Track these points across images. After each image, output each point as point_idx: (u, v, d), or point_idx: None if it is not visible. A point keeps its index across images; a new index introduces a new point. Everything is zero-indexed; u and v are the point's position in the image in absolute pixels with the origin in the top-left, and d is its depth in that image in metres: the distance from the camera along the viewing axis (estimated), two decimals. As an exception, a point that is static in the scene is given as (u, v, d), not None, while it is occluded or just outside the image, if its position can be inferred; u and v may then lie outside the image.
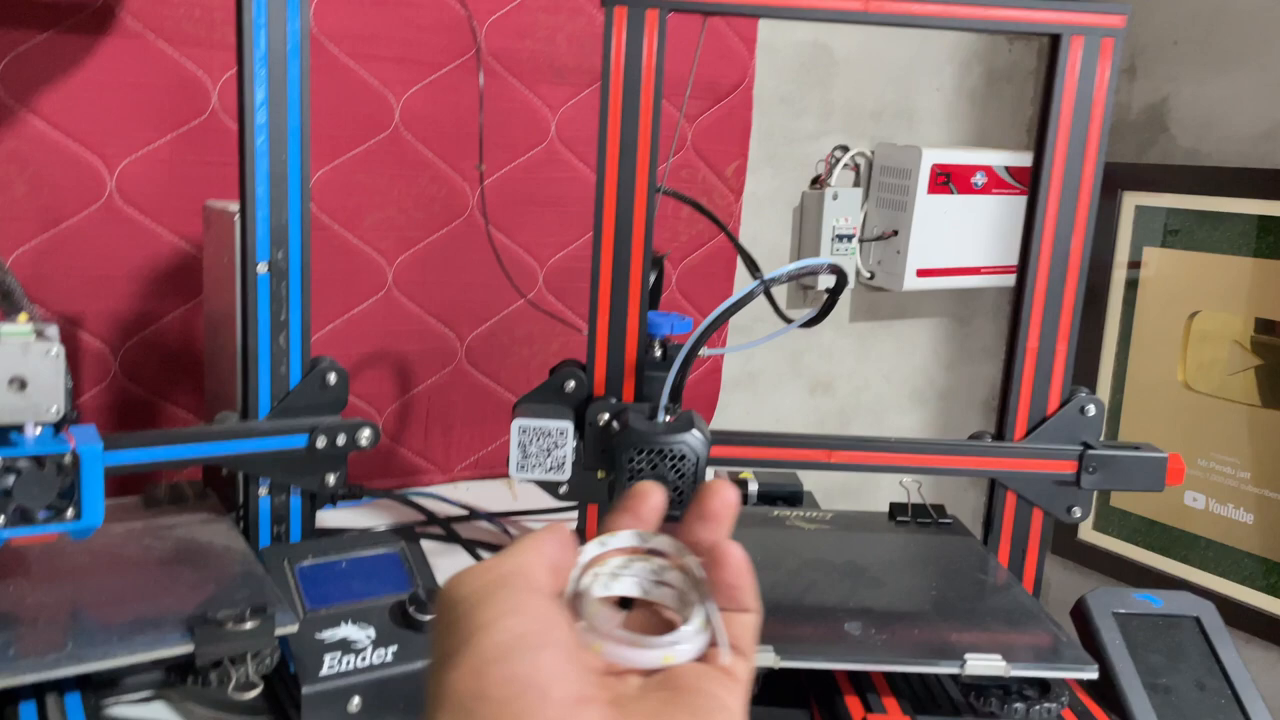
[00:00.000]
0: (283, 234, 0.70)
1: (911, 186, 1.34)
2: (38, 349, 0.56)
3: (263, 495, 0.72)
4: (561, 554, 0.35)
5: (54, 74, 0.83)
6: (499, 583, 0.33)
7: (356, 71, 0.95)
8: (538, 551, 0.35)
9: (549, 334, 1.11)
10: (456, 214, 1.03)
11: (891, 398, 1.52)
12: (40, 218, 0.85)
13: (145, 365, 0.91)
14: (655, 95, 0.70)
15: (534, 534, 0.36)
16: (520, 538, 0.36)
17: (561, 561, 0.35)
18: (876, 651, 0.58)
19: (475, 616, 0.31)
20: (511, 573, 0.33)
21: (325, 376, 0.72)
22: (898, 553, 0.74)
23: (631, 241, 0.72)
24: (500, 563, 0.34)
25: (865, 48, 1.35)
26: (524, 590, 0.33)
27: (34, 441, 0.57)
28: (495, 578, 0.33)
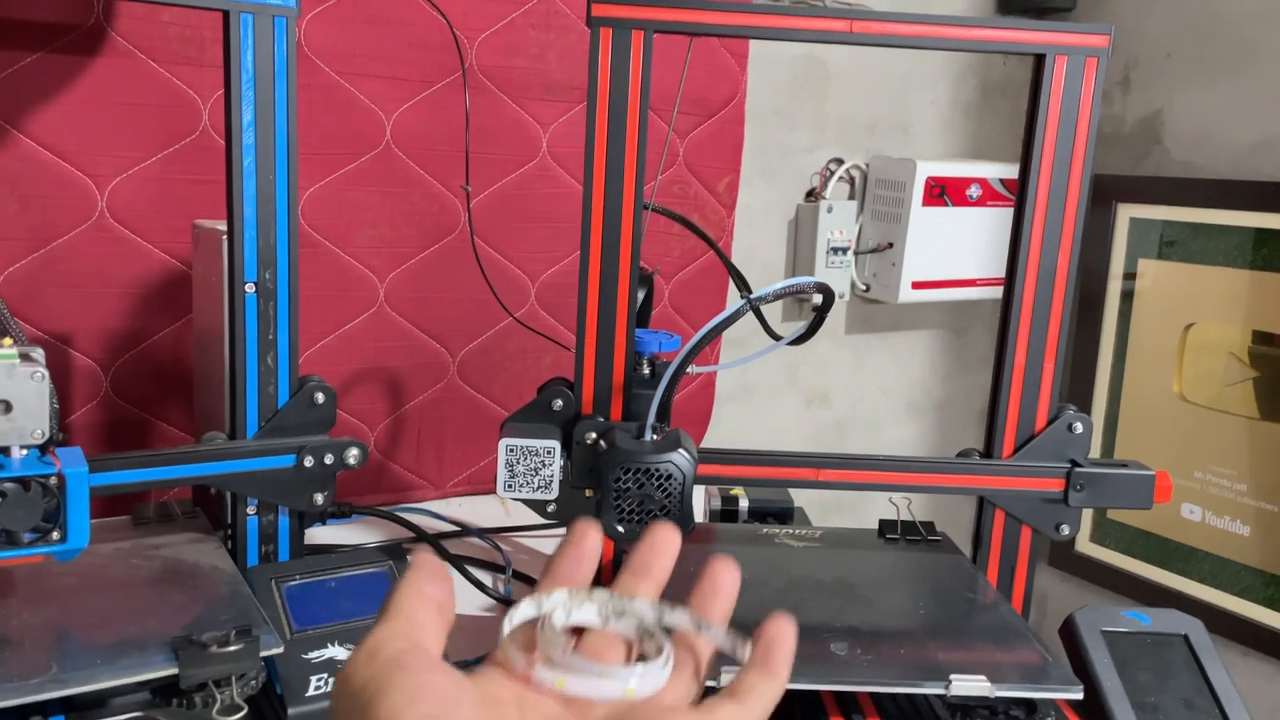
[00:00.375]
0: (270, 254, 0.70)
1: (906, 199, 1.34)
2: (22, 372, 0.56)
3: (250, 515, 0.72)
4: (442, 596, 0.34)
5: (45, 94, 0.84)
6: (393, 666, 0.30)
7: (348, 89, 0.95)
8: (421, 612, 0.33)
9: (541, 349, 1.11)
10: (448, 230, 1.03)
11: (888, 410, 1.52)
12: (31, 236, 0.85)
13: (136, 383, 0.91)
14: (641, 114, 0.70)
15: (407, 589, 0.33)
16: (395, 597, 0.33)
17: (444, 601, 0.34)
18: (862, 672, 0.58)
19: (374, 712, 0.29)
20: (402, 652, 0.31)
21: (313, 396, 0.73)
22: (886, 571, 0.74)
23: (619, 259, 0.72)
24: (386, 641, 0.31)
25: (859, 61, 1.35)
26: (419, 670, 0.30)
27: (19, 464, 0.57)
28: (386, 661, 0.31)
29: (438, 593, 0.34)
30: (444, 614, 0.33)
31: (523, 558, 0.96)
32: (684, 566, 0.41)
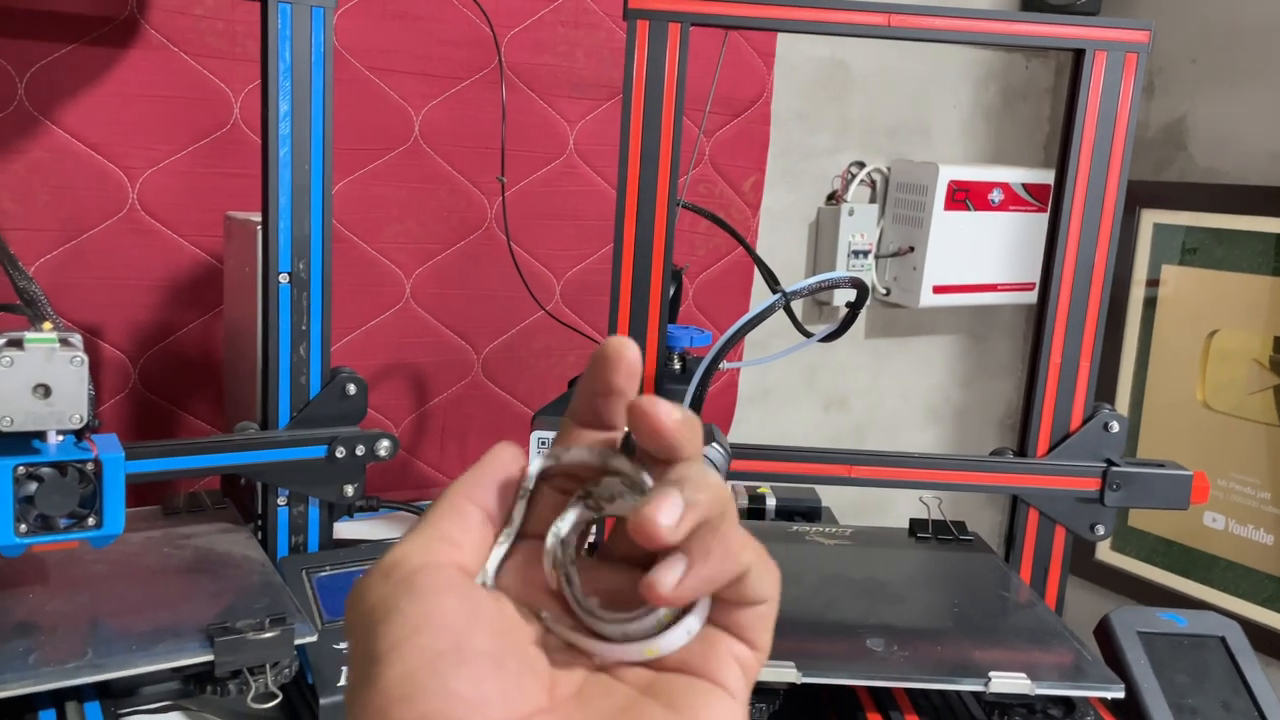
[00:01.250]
0: (304, 245, 0.70)
1: (928, 203, 1.34)
2: (62, 357, 0.56)
3: (281, 505, 0.72)
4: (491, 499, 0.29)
5: (78, 86, 0.84)
6: (403, 587, 0.27)
7: (377, 85, 0.95)
8: (451, 524, 0.28)
9: (565, 347, 1.11)
10: (474, 227, 1.03)
11: (907, 415, 1.52)
12: (62, 228, 0.85)
13: (164, 375, 0.91)
14: (677, 108, 0.70)
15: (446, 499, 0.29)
16: (431, 508, 0.29)
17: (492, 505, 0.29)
18: (899, 668, 0.58)
19: (377, 640, 0.26)
20: (416, 570, 0.27)
21: (345, 387, 0.73)
22: (919, 569, 0.73)
23: (652, 254, 0.72)
24: (406, 555, 0.28)
25: (882, 64, 1.35)
26: (429, 592, 0.26)
27: (56, 449, 0.57)
28: (399, 581, 0.27)
29: (486, 496, 0.29)
30: (488, 522, 0.29)
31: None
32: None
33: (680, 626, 0.28)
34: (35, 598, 0.60)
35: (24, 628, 0.57)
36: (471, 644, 0.26)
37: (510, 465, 0.30)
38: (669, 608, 0.28)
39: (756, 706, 0.60)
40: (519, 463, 0.30)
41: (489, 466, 0.30)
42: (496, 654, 0.26)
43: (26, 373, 0.55)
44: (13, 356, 0.55)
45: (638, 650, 0.28)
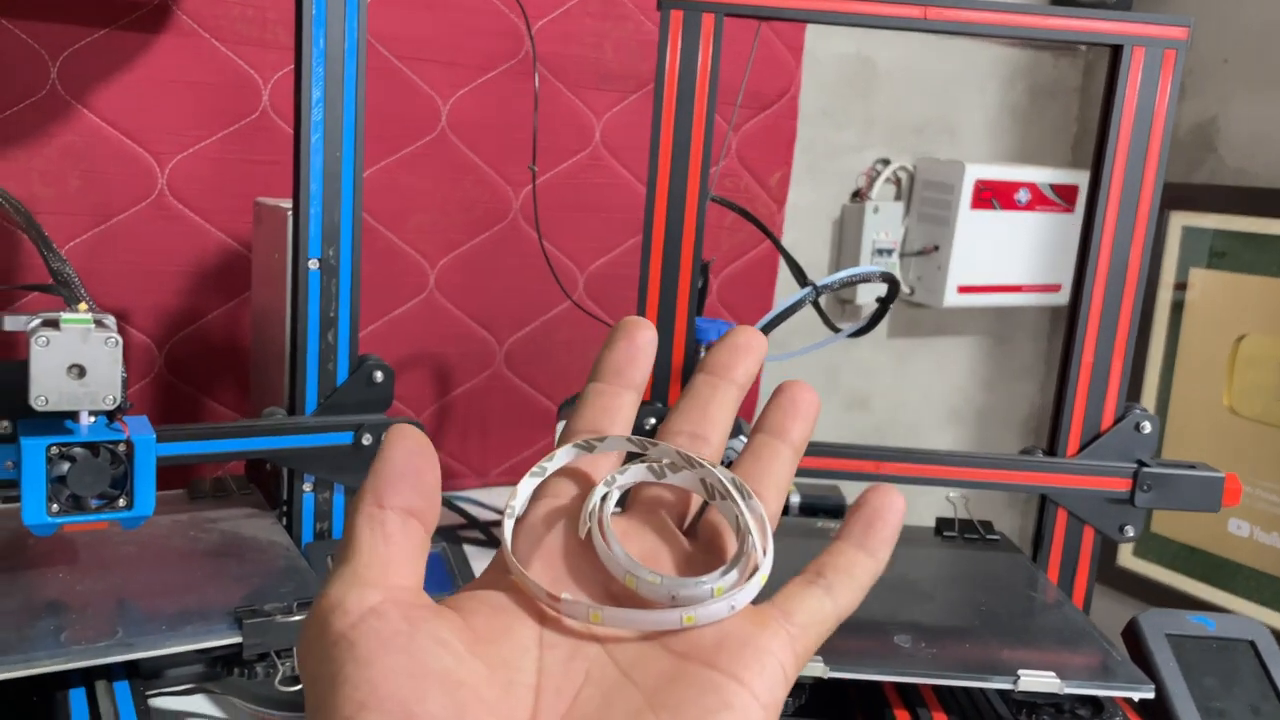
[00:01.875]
0: (334, 231, 0.70)
1: (954, 201, 1.33)
2: (97, 337, 0.56)
3: (307, 492, 0.72)
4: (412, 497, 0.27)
5: (109, 70, 0.84)
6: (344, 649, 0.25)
7: (406, 73, 0.95)
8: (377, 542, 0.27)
9: (587, 339, 1.11)
10: (499, 218, 1.03)
11: (929, 416, 1.51)
12: (92, 212, 0.85)
13: (189, 361, 0.91)
14: (709, 100, 0.69)
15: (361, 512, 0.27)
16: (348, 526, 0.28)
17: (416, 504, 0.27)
18: (927, 664, 0.57)
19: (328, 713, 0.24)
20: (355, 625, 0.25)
21: (372, 374, 0.73)
22: (945, 568, 0.73)
23: (681, 246, 0.71)
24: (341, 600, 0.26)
25: (909, 61, 1.34)
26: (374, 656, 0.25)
27: (89, 430, 0.58)
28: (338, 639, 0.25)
29: (398, 495, 0.27)
30: (417, 523, 0.27)
31: (567, 548, 0.96)
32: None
33: (724, 600, 0.27)
34: (65, 578, 0.61)
35: (54, 607, 0.57)
36: (423, 709, 0.24)
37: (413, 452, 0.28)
38: (719, 580, 0.27)
39: (786, 700, 0.60)
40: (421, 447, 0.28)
41: (390, 461, 0.28)
42: (453, 707, 0.24)
43: (62, 353, 0.55)
44: (49, 336, 0.55)
45: (676, 617, 0.26)
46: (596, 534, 0.28)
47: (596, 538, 0.28)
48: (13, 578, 0.60)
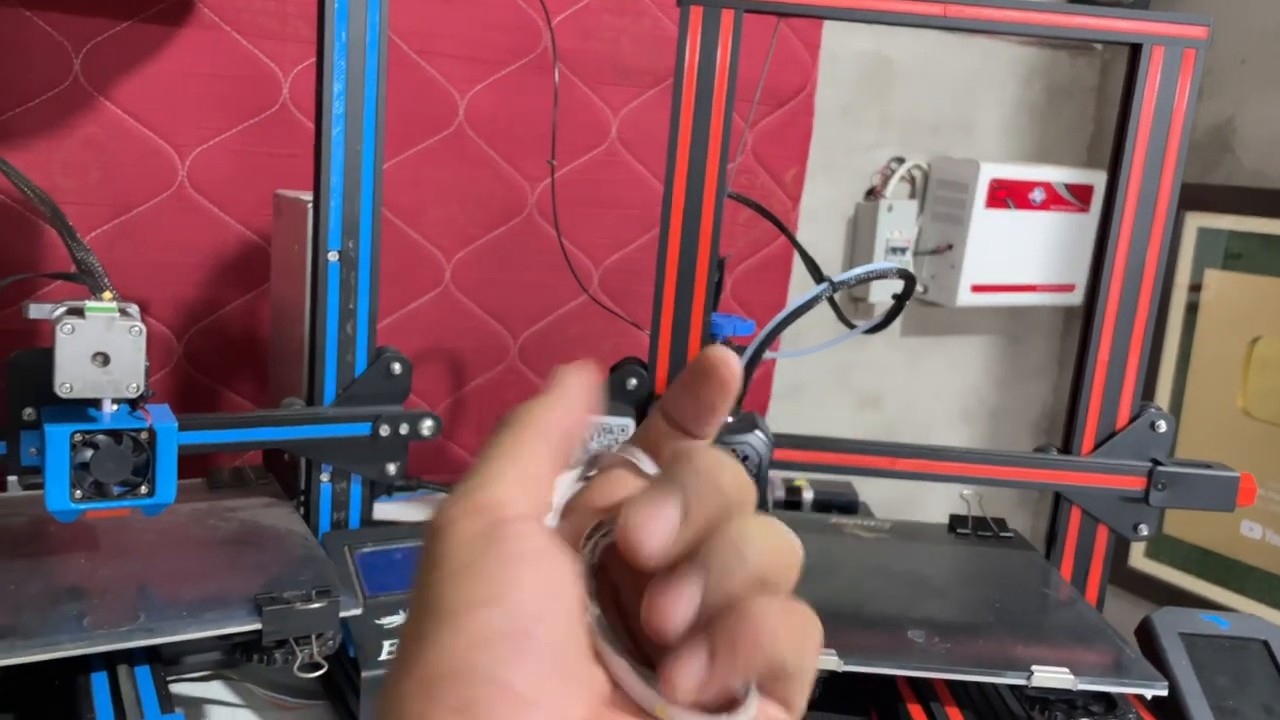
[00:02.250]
0: (354, 223, 0.71)
1: (969, 201, 1.33)
2: (121, 326, 0.57)
3: (324, 482, 0.72)
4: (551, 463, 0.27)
5: (131, 63, 0.85)
6: (489, 541, 0.24)
7: (424, 68, 0.96)
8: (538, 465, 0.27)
9: (602, 335, 1.11)
10: (515, 213, 1.03)
11: (941, 415, 1.51)
12: (113, 203, 0.86)
13: (208, 352, 0.92)
14: (728, 96, 0.70)
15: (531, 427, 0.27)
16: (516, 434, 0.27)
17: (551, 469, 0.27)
18: (941, 659, 0.57)
19: (447, 593, 0.24)
20: (508, 522, 0.25)
21: (390, 366, 0.73)
22: (959, 564, 0.73)
23: (698, 241, 0.72)
24: (498, 498, 0.25)
25: (925, 60, 1.34)
26: (518, 558, 0.24)
27: (111, 417, 0.58)
28: (487, 529, 0.25)
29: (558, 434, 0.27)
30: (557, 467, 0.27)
31: (580, 542, 0.96)
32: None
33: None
34: (86, 564, 0.61)
35: (76, 592, 0.58)
36: (541, 633, 0.23)
37: (578, 403, 0.28)
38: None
39: (796, 694, 0.60)
40: (586, 399, 0.28)
41: (561, 401, 0.28)
42: (563, 649, 0.24)
43: (87, 341, 0.56)
44: (74, 324, 0.56)
45: (651, 702, 0.24)
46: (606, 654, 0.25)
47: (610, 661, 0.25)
48: (35, 563, 0.61)
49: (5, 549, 0.62)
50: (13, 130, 0.81)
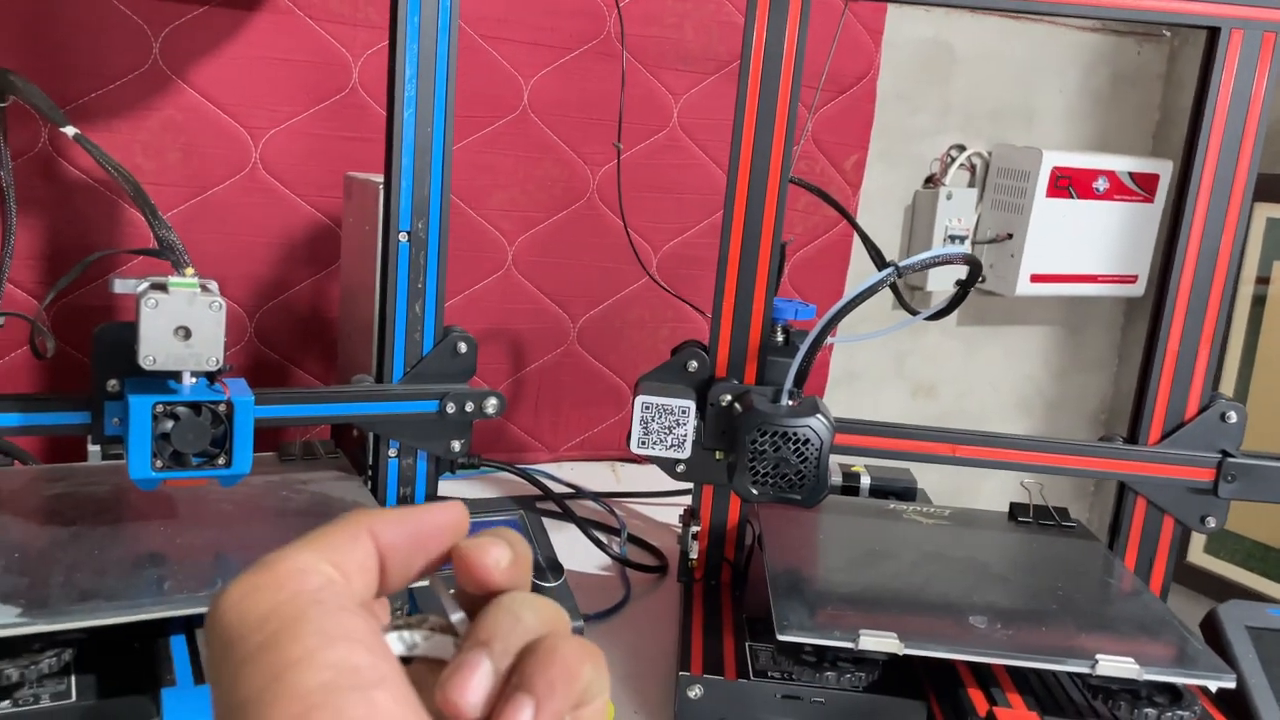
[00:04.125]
0: (424, 205, 0.72)
1: (1030, 189, 1.31)
2: (202, 301, 0.59)
3: (392, 457, 0.74)
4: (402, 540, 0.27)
5: (209, 47, 0.87)
6: (308, 599, 0.24)
7: (489, 53, 0.97)
8: (355, 552, 0.26)
9: (659, 319, 1.12)
10: (576, 197, 1.04)
11: (996, 405, 1.49)
12: (189, 184, 0.89)
13: (278, 329, 0.94)
14: (794, 82, 0.70)
15: (350, 522, 0.26)
16: (330, 527, 0.26)
17: (369, 566, 0.26)
18: (1003, 645, 0.57)
19: (283, 649, 0.22)
20: (324, 586, 0.24)
21: (456, 345, 0.74)
22: (1020, 552, 0.73)
23: (762, 226, 0.72)
24: (304, 569, 0.24)
25: (987, 46, 1.32)
26: (345, 610, 0.24)
27: (190, 390, 0.60)
28: (298, 593, 0.24)
29: (392, 536, 0.27)
30: (376, 568, 0.26)
31: (635, 523, 0.97)
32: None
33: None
34: (166, 531, 0.63)
35: (156, 558, 0.60)
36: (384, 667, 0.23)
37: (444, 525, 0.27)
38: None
39: (855, 675, 0.60)
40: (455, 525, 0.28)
41: (418, 516, 0.27)
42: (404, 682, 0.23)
43: (170, 315, 0.58)
44: (158, 299, 0.58)
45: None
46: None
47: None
48: (117, 530, 0.63)
49: (89, 516, 0.64)
50: (95, 111, 0.84)
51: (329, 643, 0.23)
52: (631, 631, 0.77)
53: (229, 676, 0.23)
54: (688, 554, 0.77)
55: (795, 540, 0.72)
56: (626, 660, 0.73)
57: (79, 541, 0.61)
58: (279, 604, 0.23)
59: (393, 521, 0.27)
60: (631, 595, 0.83)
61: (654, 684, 0.70)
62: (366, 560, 0.26)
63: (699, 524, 0.76)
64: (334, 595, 0.24)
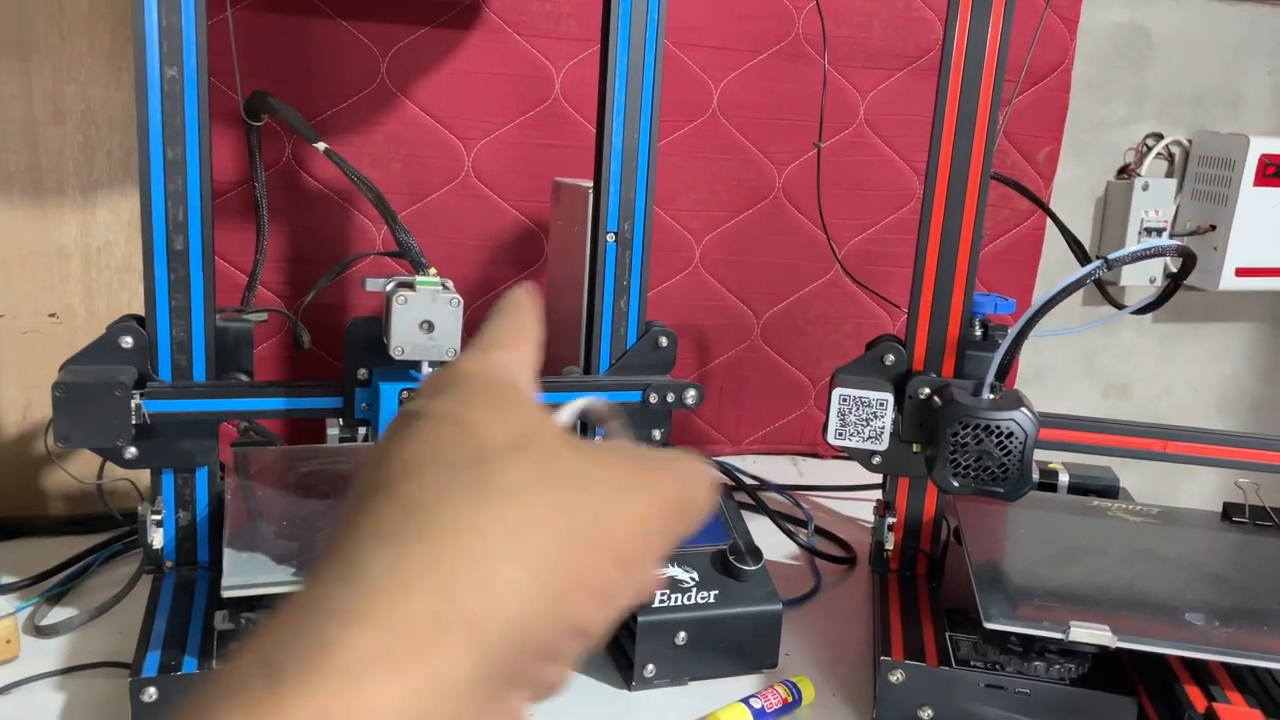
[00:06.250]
0: (630, 207, 0.76)
1: (1235, 178, 1.25)
2: (444, 297, 0.65)
3: (598, 444, 0.79)
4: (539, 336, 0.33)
5: (428, 64, 0.95)
6: (500, 373, 0.29)
7: (682, 59, 1.01)
8: (527, 345, 0.31)
9: (843, 315, 1.13)
10: (762, 196, 1.07)
11: (1195, 406, 1.42)
12: (411, 191, 0.97)
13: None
14: (996, 80, 0.70)
15: (516, 320, 0.32)
16: (502, 323, 0.32)
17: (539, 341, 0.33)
18: (1224, 642, 0.56)
19: (479, 409, 0.27)
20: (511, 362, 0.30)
21: (658, 339, 0.79)
22: (1237, 552, 0.70)
23: (961, 221, 0.73)
24: (501, 355, 0.30)
25: (1188, 29, 1.26)
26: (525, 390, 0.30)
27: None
28: (500, 365, 0.29)
29: (535, 332, 0.32)
30: (536, 356, 0.32)
31: (821, 515, 0.99)
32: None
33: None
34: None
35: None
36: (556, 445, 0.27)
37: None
38: None
39: (1064, 667, 0.61)
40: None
41: (527, 313, 0.33)
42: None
43: (416, 310, 0.64)
44: (406, 296, 0.64)
45: None
46: None
47: None
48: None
49: (339, 490, 0.72)
50: (331, 127, 0.93)
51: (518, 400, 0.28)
52: (825, 618, 0.79)
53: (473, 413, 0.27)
54: (883, 544, 0.78)
55: (996, 533, 0.72)
56: (821, 646, 0.75)
57: (335, 512, 0.68)
58: (488, 368, 0.29)
59: (526, 316, 0.33)
60: (822, 585, 0.85)
61: (850, 669, 0.72)
62: (532, 354, 0.32)
63: (894, 515, 0.78)
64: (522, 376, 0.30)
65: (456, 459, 0.25)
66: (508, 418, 0.27)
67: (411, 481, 0.24)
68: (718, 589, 0.69)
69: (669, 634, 0.67)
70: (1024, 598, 0.62)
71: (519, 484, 0.25)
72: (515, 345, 0.31)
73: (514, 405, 0.28)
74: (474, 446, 0.25)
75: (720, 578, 0.70)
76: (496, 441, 0.25)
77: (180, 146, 0.64)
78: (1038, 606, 0.61)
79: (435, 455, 0.25)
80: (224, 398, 0.68)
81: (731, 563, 0.71)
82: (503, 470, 0.25)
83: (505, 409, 0.27)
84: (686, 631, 0.67)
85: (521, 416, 0.27)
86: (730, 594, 0.69)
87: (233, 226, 0.90)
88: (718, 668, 0.69)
